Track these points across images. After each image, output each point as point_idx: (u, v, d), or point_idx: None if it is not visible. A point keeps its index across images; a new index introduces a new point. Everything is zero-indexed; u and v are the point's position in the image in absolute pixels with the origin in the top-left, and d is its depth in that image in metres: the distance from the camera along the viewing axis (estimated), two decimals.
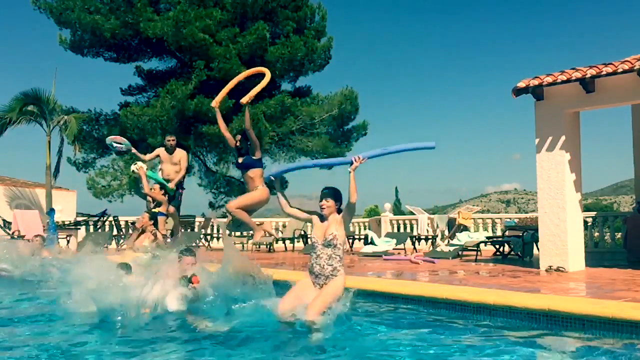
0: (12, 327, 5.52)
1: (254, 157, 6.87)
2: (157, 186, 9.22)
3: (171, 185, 9.39)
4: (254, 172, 6.88)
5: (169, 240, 9.46)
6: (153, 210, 8.94)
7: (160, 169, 9.77)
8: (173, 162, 9.64)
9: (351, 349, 4.64)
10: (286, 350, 4.56)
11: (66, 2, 19.71)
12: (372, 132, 23.60)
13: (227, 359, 4.40)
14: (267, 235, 10.13)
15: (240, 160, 6.95)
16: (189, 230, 16.79)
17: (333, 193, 5.20)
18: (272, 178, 5.72)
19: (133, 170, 9.27)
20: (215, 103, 7.37)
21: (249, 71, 7.88)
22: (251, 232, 16.97)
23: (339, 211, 5.18)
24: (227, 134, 7.39)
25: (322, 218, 5.19)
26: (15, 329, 5.48)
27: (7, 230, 15.65)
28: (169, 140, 9.75)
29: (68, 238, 15.23)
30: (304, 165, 5.44)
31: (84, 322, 5.39)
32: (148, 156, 9.88)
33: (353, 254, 13.83)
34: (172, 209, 9.57)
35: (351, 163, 5.06)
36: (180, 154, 9.74)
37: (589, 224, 13.88)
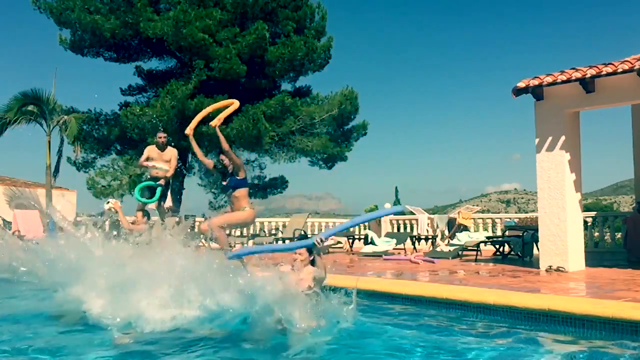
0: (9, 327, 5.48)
1: (238, 177, 6.84)
2: (140, 214, 8.94)
3: (161, 182, 9.27)
4: (239, 192, 6.83)
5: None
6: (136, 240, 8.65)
7: (145, 166, 9.59)
8: (164, 160, 9.49)
9: (351, 349, 4.64)
10: (287, 351, 4.55)
11: (66, 2, 19.71)
12: (372, 132, 23.64)
13: None
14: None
15: (224, 182, 6.92)
16: (189, 230, 16.76)
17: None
18: (235, 259, 5.46)
19: (109, 209, 8.95)
20: (189, 131, 7.39)
21: (219, 103, 7.97)
22: (251, 232, 17.00)
23: (312, 262, 5.13)
24: (205, 160, 7.43)
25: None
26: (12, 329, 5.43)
27: (7, 231, 15.65)
28: (160, 137, 9.58)
29: None
30: (266, 249, 5.16)
31: (78, 322, 5.31)
32: (142, 159, 9.67)
33: (353, 254, 13.83)
34: (168, 204, 9.44)
35: (314, 245, 4.92)
36: (171, 151, 9.57)
37: (589, 224, 13.88)
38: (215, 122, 6.98)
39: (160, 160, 9.49)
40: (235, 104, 7.35)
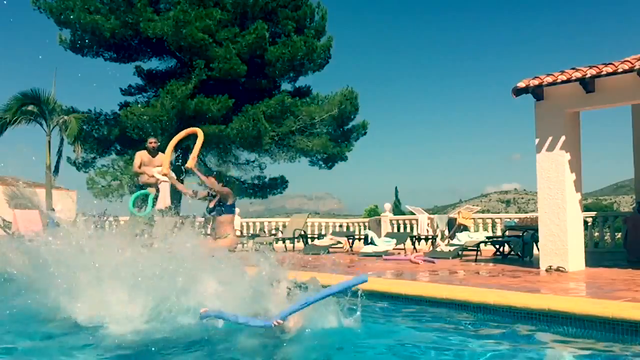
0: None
1: (227, 204, 6.93)
2: None
3: (152, 190, 9.17)
4: (224, 218, 6.91)
5: None
6: None
7: (142, 173, 9.42)
8: (155, 166, 9.37)
9: (352, 349, 4.64)
10: (285, 353, 4.54)
11: (66, 2, 19.71)
12: (372, 132, 23.66)
13: None
14: None
15: (211, 205, 7.02)
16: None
17: None
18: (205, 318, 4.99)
19: None
20: (165, 170, 7.40)
21: (184, 132, 8.07)
22: (251, 232, 16.96)
23: None
24: (186, 191, 7.53)
25: None
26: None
27: (7, 230, 15.65)
28: (150, 143, 9.37)
29: None
30: (229, 317, 4.74)
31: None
32: (136, 165, 9.48)
33: (353, 254, 13.83)
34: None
35: (272, 326, 4.53)
36: (162, 157, 9.45)
37: (589, 224, 13.87)
38: (190, 164, 7.23)
39: (151, 166, 9.37)
40: (200, 134, 7.50)
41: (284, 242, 15.79)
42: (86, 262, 5.31)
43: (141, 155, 9.47)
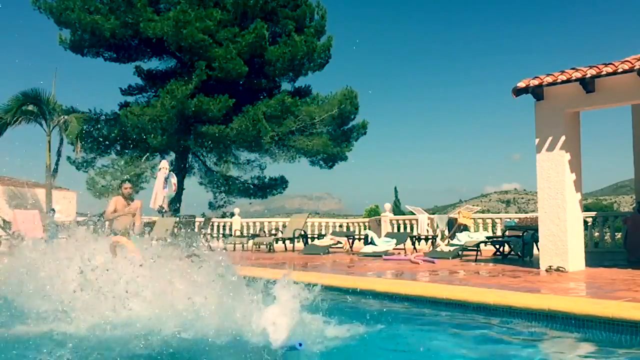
0: None
1: None
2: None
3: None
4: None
5: None
6: None
7: (116, 217, 9.18)
8: (128, 212, 9.23)
9: (352, 349, 4.63)
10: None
11: (66, 2, 19.73)
12: (372, 132, 23.67)
13: None
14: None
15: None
16: (188, 230, 16.75)
17: None
18: None
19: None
20: (135, 251, 7.76)
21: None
22: (251, 232, 16.96)
23: None
24: None
25: None
26: None
27: (7, 231, 15.65)
28: (125, 189, 9.25)
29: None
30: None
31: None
32: (109, 212, 9.27)
33: (353, 254, 13.83)
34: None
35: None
36: (136, 203, 9.15)
37: (589, 224, 13.86)
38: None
39: (125, 212, 9.19)
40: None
41: (284, 242, 15.79)
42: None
43: (116, 201, 9.24)
